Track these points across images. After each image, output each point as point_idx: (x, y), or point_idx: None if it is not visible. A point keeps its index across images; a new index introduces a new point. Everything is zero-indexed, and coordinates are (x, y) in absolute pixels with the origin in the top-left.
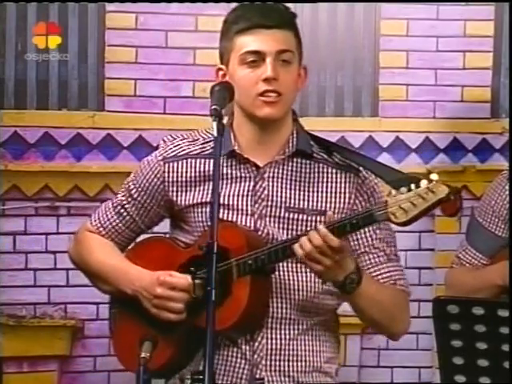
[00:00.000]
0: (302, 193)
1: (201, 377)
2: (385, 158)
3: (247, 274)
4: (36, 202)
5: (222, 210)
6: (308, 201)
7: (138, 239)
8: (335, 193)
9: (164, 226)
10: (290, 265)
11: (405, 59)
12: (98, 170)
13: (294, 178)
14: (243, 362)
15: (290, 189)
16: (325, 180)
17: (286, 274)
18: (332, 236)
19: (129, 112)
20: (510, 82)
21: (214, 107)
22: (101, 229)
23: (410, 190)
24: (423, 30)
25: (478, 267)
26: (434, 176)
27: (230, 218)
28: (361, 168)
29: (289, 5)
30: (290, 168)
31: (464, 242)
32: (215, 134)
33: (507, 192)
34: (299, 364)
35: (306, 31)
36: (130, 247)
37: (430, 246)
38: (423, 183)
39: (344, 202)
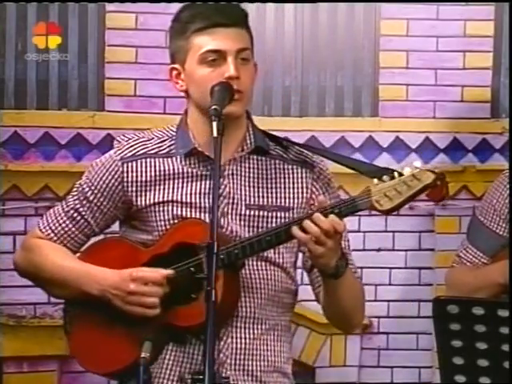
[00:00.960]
0: (261, 190)
1: (201, 377)
2: (385, 158)
3: (219, 268)
4: (36, 202)
5: (184, 209)
6: (267, 197)
7: (91, 241)
8: (293, 188)
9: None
10: (251, 263)
11: (405, 59)
12: None
13: (252, 175)
14: None
15: (249, 186)
16: (282, 176)
17: (248, 272)
18: (339, 220)
19: (129, 112)
20: (510, 82)
21: (214, 107)
22: (52, 235)
23: (393, 178)
24: (423, 30)
25: (478, 266)
26: (417, 163)
27: (193, 217)
28: (315, 163)
29: (289, 5)
30: (247, 165)
31: (465, 241)
32: (215, 134)
33: (508, 191)
34: (262, 363)
35: (306, 31)
36: (83, 249)
37: (430, 246)
38: (407, 171)
39: (302, 197)
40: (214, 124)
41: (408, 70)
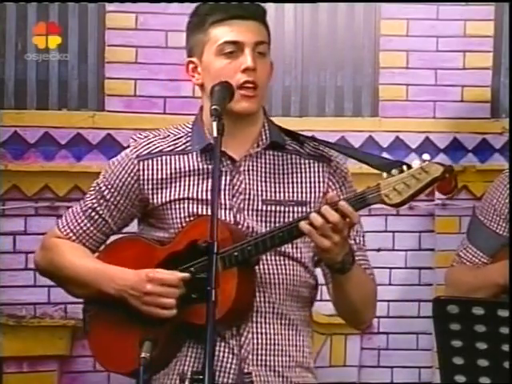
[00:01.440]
0: (277, 185)
1: (201, 377)
2: None
3: (233, 266)
4: (36, 202)
5: (200, 206)
6: (284, 192)
7: (109, 240)
8: (310, 183)
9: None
10: (269, 258)
11: (405, 59)
12: (97, 170)
13: (269, 171)
14: (231, 356)
15: (266, 181)
16: (299, 171)
17: (266, 267)
18: (352, 209)
19: (129, 112)
20: (510, 82)
21: (213, 107)
22: (70, 234)
23: (401, 171)
24: (423, 30)
25: (478, 266)
26: (426, 156)
27: (209, 214)
28: (332, 157)
29: (289, 5)
30: (264, 161)
31: (465, 240)
32: (215, 134)
33: (508, 191)
34: (284, 359)
35: (306, 31)
36: (101, 249)
37: (430, 246)
38: (415, 164)
39: (319, 192)
40: (214, 124)
41: (408, 70)
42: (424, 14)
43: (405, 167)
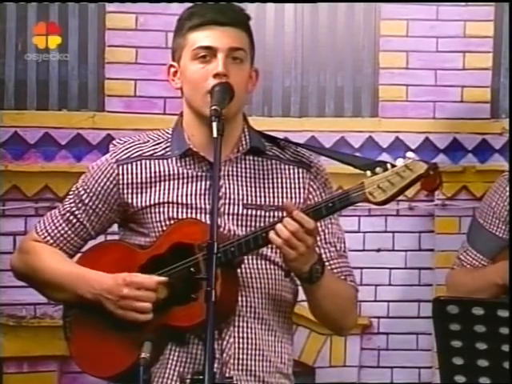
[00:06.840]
0: (257, 189)
1: (201, 377)
2: (385, 159)
3: (216, 267)
4: (36, 202)
5: (180, 210)
6: (264, 197)
7: (89, 245)
8: (289, 188)
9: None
10: (252, 262)
11: (405, 59)
12: None
13: (248, 175)
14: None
15: (246, 186)
16: (278, 176)
17: (248, 271)
18: (308, 218)
19: (129, 112)
20: (510, 82)
21: (213, 107)
22: (48, 238)
23: (386, 169)
24: (423, 30)
25: (478, 268)
26: (410, 154)
27: (189, 217)
28: (312, 163)
29: (289, 5)
30: (243, 166)
31: (465, 243)
32: (215, 134)
33: (508, 193)
34: (264, 364)
35: (306, 31)
36: (82, 253)
37: (430, 247)
38: (399, 162)
39: (299, 197)
40: (214, 124)
41: (408, 71)
42: (424, 14)
43: (389, 165)
